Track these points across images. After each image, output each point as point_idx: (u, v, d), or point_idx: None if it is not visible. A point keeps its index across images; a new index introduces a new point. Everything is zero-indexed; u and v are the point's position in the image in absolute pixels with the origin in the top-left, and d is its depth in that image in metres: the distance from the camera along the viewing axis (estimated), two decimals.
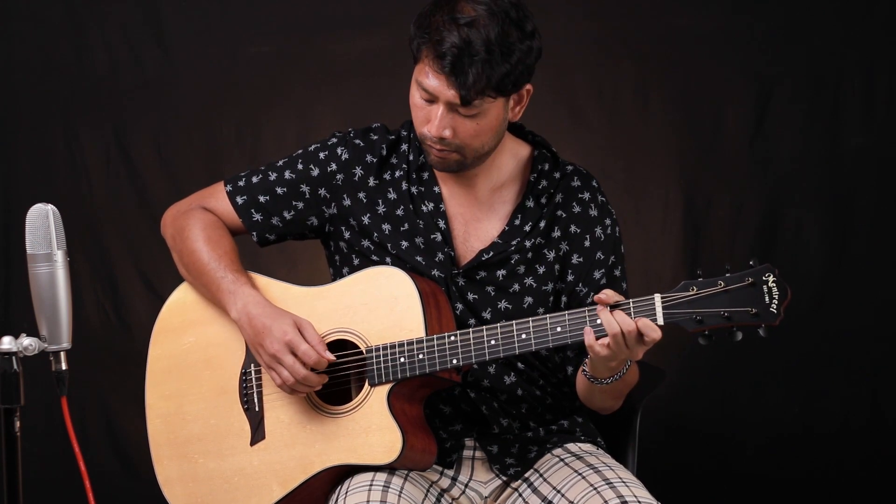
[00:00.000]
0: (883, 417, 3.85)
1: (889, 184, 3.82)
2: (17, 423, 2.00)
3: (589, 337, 2.24)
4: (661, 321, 2.22)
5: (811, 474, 3.86)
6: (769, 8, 3.84)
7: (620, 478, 2.35)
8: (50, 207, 2.04)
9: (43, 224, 2.03)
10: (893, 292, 3.83)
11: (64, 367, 2.04)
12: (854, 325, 3.84)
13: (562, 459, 2.47)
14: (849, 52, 3.81)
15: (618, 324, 2.21)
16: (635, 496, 2.29)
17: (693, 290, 2.21)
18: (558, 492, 2.38)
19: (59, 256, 2.03)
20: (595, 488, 2.32)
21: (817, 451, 3.86)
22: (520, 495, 2.47)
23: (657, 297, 2.22)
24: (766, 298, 2.18)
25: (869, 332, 3.84)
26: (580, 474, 2.38)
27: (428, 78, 2.33)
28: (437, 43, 2.30)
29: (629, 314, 2.22)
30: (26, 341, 2.01)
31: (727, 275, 2.20)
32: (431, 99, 2.36)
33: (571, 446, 2.52)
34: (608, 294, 2.24)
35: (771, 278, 2.19)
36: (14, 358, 2.00)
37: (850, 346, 3.85)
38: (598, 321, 2.24)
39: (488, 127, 2.39)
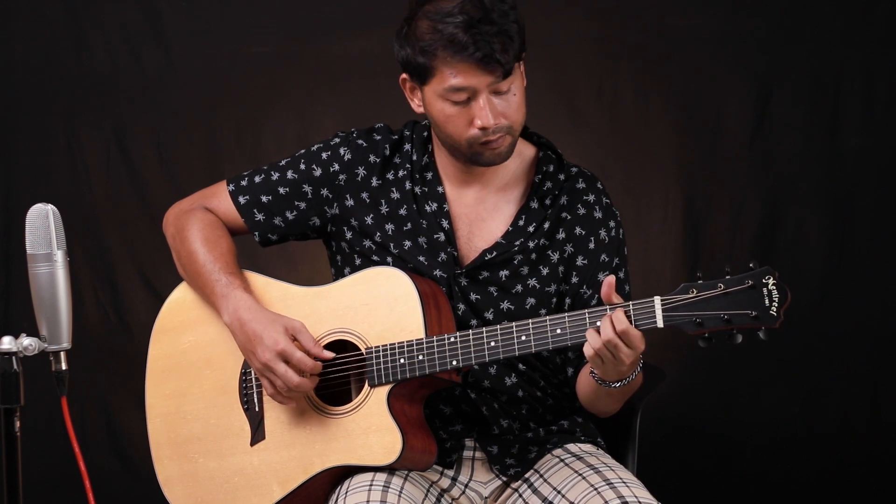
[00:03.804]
0: (883, 417, 3.85)
1: (889, 184, 3.82)
2: (17, 423, 2.00)
3: (587, 350, 2.24)
4: (660, 324, 2.21)
5: (811, 474, 3.86)
6: (769, 8, 3.84)
7: (621, 478, 2.35)
8: (50, 207, 2.04)
9: (43, 224, 2.03)
10: (893, 292, 3.83)
11: (64, 367, 2.04)
12: (854, 324, 3.83)
13: (562, 460, 2.47)
14: (849, 52, 3.81)
15: (591, 346, 2.21)
16: (636, 496, 2.29)
17: (693, 292, 2.21)
18: (558, 492, 2.38)
19: (59, 256, 2.03)
20: (595, 489, 2.32)
21: (817, 451, 3.86)
22: (520, 496, 2.47)
23: (657, 300, 2.22)
24: (766, 301, 2.18)
25: (869, 332, 3.84)
26: (580, 475, 2.38)
27: (459, 78, 2.33)
28: (449, 41, 2.30)
29: (629, 316, 2.22)
30: (26, 341, 2.01)
31: (727, 277, 2.20)
32: (469, 97, 2.35)
33: (571, 447, 2.52)
34: (610, 284, 2.24)
35: (771, 281, 2.18)
36: (14, 358, 2.00)
37: (850, 346, 3.85)
38: (598, 324, 2.24)
39: (521, 95, 2.40)
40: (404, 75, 2.43)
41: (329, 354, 2.38)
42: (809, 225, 3.85)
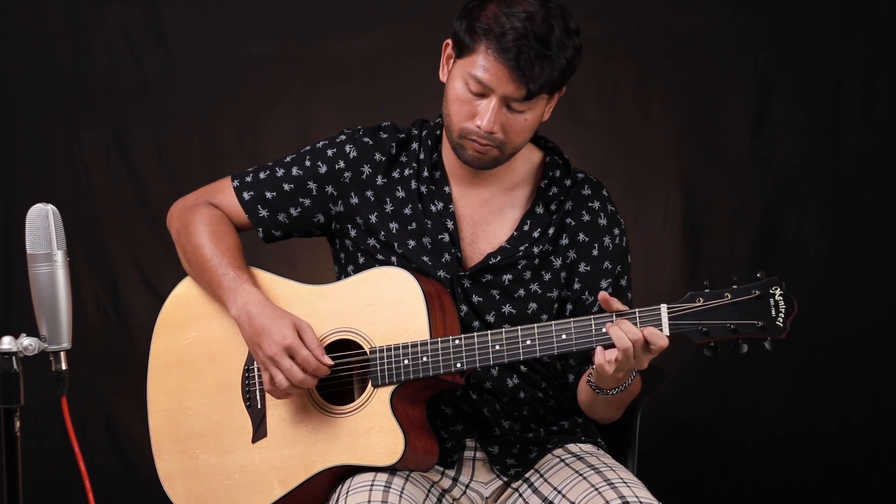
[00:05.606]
0: (883, 417, 3.85)
1: (889, 184, 3.82)
2: (17, 423, 2.00)
3: (599, 357, 2.23)
4: (666, 332, 2.20)
5: (811, 474, 3.86)
6: (769, 8, 3.84)
7: (621, 478, 2.35)
8: (50, 207, 2.04)
9: (43, 224, 2.03)
10: (893, 292, 3.83)
11: (64, 367, 2.04)
12: (854, 324, 3.84)
13: (562, 460, 2.47)
14: (849, 52, 3.81)
15: (627, 338, 2.20)
16: (636, 496, 2.29)
17: (700, 301, 2.20)
18: (559, 492, 2.38)
19: (59, 256, 2.03)
20: (596, 488, 2.32)
21: (817, 451, 3.86)
22: (520, 496, 2.47)
23: (663, 308, 2.21)
24: (773, 312, 2.18)
25: (869, 332, 3.84)
26: (581, 475, 2.38)
27: (485, 71, 2.32)
28: (500, 36, 2.29)
29: (634, 324, 2.22)
30: (26, 341, 2.01)
31: (734, 287, 2.20)
32: (484, 93, 2.35)
33: (572, 447, 2.52)
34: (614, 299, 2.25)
35: (778, 292, 2.18)
36: (14, 358, 2.00)
37: (850, 346, 3.85)
38: (604, 331, 2.23)
39: (532, 124, 2.40)
40: (450, 41, 2.42)
41: (329, 362, 2.38)
42: (809, 225, 3.85)
